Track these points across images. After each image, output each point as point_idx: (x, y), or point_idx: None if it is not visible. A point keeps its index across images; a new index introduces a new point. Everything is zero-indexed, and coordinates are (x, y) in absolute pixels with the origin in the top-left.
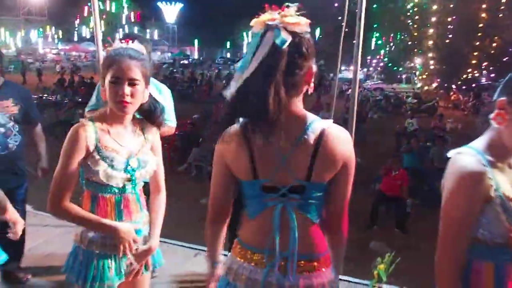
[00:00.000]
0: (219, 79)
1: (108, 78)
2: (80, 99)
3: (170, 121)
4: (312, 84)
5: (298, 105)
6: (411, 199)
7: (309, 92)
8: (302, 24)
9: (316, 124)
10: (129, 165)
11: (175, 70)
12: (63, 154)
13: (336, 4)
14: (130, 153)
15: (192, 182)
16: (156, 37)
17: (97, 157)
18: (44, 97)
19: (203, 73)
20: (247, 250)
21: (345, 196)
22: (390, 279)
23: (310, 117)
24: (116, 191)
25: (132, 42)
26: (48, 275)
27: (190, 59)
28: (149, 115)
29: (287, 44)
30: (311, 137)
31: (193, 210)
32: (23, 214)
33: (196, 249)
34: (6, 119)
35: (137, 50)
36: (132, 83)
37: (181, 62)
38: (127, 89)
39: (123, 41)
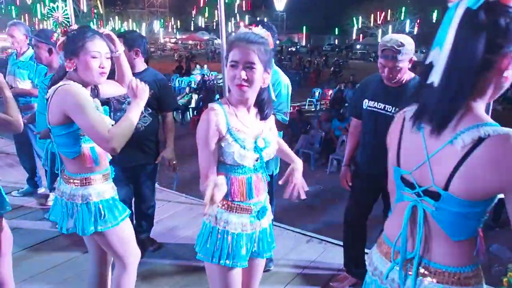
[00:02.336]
0: (326, 66)
1: (228, 62)
2: (195, 85)
3: (282, 110)
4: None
5: (478, 98)
6: None
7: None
8: None
9: (481, 129)
10: (257, 145)
11: (283, 57)
12: (201, 140)
13: None
14: (256, 134)
15: None
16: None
17: (230, 139)
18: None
19: (310, 60)
20: (383, 238)
21: None
22: None
23: (481, 118)
24: (247, 171)
25: (256, 27)
26: (173, 245)
27: (298, 46)
28: (260, 104)
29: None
30: (465, 142)
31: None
32: (151, 190)
33: (308, 235)
34: None
35: (257, 34)
36: (248, 66)
37: (289, 49)
38: (243, 73)
39: (250, 27)
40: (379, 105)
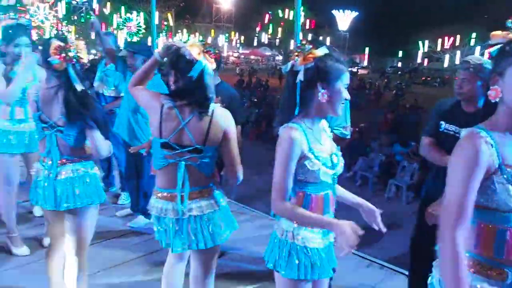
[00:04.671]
0: (388, 88)
1: (340, 83)
2: (256, 99)
3: (341, 125)
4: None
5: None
6: None
7: None
8: None
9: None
10: (332, 161)
11: None
12: (281, 159)
13: None
14: (330, 150)
15: (356, 192)
16: (327, 44)
17: (313, 157)
18: None
19: (371, 82)
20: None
21: None
22: None
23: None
24: (326, 187)
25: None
26: (235, 254)
27: (359, 67)
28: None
29: None
30: None
31: (355, 219)
32: None
33: (369, 260)
34: None
35: None
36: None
37: (349, 69)
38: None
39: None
40: (456, 129)
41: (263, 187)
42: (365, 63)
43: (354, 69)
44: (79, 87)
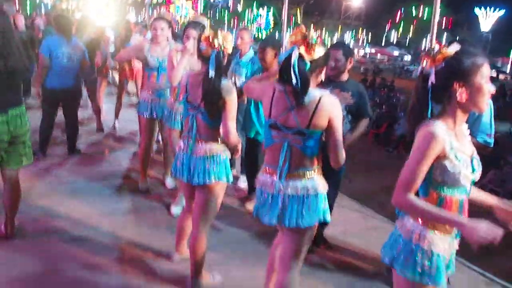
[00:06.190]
0: None
1: (480, 77)
2: (378, 100)
3: (485, 132)
4: None
5: None
6: None
7: None
8: None
9: None
10: (473, 166)
11: None
12: (418, 153)
13: None
14: (471, 155)
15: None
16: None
17: (454, 158)
18: None
19: None
20: None
21: None
22: None
23: None
24: (463, 192)
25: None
26: (343, 250)
27: (499, 71)
28: None
29: None
30: None
31: None
32: (335, 189)
33: (489, 277)
34: (342, 107)
35: None
36: None
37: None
38: None
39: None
40: None
41: (375, 189)
42: (509, 68)
43: (494, 74)
44: (211, 72)
